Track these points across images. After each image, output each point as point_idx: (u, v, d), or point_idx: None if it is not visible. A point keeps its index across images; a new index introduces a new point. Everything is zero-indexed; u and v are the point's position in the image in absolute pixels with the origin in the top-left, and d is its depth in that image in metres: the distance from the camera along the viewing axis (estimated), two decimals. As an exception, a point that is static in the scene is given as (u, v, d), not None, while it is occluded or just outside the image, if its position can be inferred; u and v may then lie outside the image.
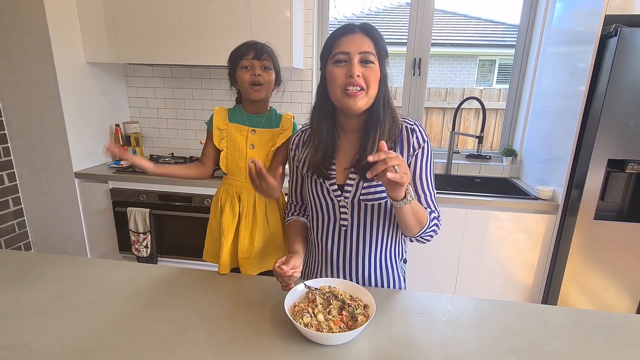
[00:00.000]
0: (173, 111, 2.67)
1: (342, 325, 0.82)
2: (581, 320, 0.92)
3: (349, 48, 0.87)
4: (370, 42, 0.88)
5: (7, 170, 2.26)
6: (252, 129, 1.21)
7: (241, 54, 1.16)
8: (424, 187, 0.98)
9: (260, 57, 1.15)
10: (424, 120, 2.89)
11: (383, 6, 5.73)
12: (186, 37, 2.15)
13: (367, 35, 0.88)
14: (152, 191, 2.21)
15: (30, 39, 2.04)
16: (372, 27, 0.90)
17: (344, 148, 1.00)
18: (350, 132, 0.99)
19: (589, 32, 1.73)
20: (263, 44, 1.19)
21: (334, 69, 0.90)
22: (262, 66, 1.16)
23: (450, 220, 2.00)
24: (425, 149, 0.96)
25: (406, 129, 0.96)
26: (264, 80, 1.16)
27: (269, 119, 1.24)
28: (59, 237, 2.40)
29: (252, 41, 1.19)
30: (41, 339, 0.81)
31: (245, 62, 1.15)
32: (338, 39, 0.89)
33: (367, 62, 0.88)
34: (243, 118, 1.23)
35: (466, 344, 0.82)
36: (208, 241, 1.32)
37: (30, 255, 1.22)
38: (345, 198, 0.97)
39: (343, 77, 0.88)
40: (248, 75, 1.16)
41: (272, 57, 1.19)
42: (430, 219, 0.94)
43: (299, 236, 1.06)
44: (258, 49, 1.16)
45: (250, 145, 1.21)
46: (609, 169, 1.77)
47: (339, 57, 0.89)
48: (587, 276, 1.90)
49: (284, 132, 1.22)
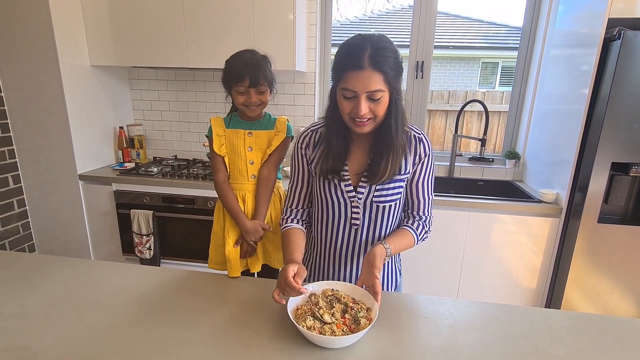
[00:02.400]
0: (176, 114, 2.68)
1: (345, 328, 0.82)
2: (585, 325, 0.92)
3: (356, 87, 0.85)
4: (379, 76, 0.84)
5: (12, 172, 2.27)
6: (249, 132, 1.24)
7: (237, 79, 1.15)
8: (425, 193, 1.04)
9: (257, 85, 1.15)
10: (427, 122, 2.88)
11: (386, 9, 5.74)
12: (190, 40, 2.16)
13: (377, 69, 0.84)
14: (156, 193, 2.22)
15: (35, 42, 2.06)
16: (383, 56, 0.84)
17: (355, 151, 1.02)
18: (362, 137, 0.99)
19: (592, 35, 1.73)
20: (257, 61, 1.17)
21: (342, 99, 0.90)
22: (257, 92, 1.17)
23: (453, 223, 2.00)
24: (430, 159, 1.02)
25: (414, 138, 1.00)
26: (259, 102, 1.19)
27: (264, 123, 1.27)
28: (63, 238, 2.41)
29: (247, 56, 1.17)
30: (45, 341, 0.82)
31: (240, 89, 1.16)
32: (346, 72, 0.86)
33: (375, 98, 0.86)
34: (240, 124, 1.26)
35: (469, 348, 0.82)
36: (212, 249, 1.33)
37: (34, 257, 1.23)
38: (358, 199, 1.00)
39: (350, 109, 0.89)
40: (243, 99, 1.17)
41: (267, 77, 1.18)
42: (417, 236, 1.03)
43: (301, 247, 1.03)
44: (253, 76, 1.14)
45: (248, 147, 1.23)
46: (613, 172, 1.76)
47: (346, 93, 0.87)
48: (590, 280, 1.89)
49: (279, 133, 1.25)
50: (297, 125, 2.50)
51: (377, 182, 0.97)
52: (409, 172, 1.01)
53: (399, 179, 0.99)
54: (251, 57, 1.18)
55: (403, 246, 1.01)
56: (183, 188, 2.18)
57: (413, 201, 1.05)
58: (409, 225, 1.04)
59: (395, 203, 1.02)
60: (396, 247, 0.98)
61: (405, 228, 1.04)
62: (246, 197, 1.26)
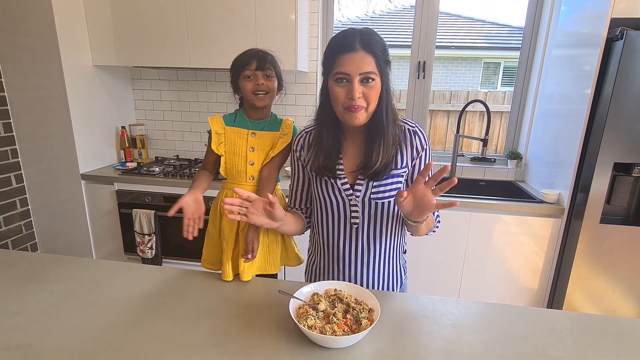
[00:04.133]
0: (178, 113, 2.68)
1: (346, 328, 0.82)
2: (587, 325, 0.92)
3: (349, 69, 0.86)
4: (371, 58, 0.86)
5: (14, 172, 2.28)
6: (252, 132, 1.21)
7: (243, 64, 1.16)
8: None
9: (263, 67, 1.15)
10: (428, 122, 2.88)
11: (387, 9, 5.73)
12: (192, 40, 2.16)
13: (368, 51, 0.86)
14: (158, 193, 2.22)
15: (38, 42, 2.07)
16: (373, 40, 0.87)
17: (349, 149, 1.01)
18: (355, 134, 1.00)
19: (594, 35, 1.72)
20: (265, 52, 1.18)
21: (335, 86, 0.90)
22: (264, 75, 1.16)
23: (454, 223, 2.00)
24: (427, 152, 1.01)
25: (409, 131, 0.99)
26: (267, 89, 1.17)
27: (270, 123, 1.25)
28: (65, 238, 2.42)
29: (253, 49, 1.19)
30: (47, 340, 0.82)
31: (247, 72, 1.15)
32: (338, 56, 0.88)
33: (368, 80, 0.87)
34: (246, 123, 1.23)
35: (471, 349, 0.82)
36: (206, 248, 1.31)
37: (37, 256, 1.23)
38: (356, 197, 0.99)
39: (344, 96, 0.89)
40: (251, 85, 1.16)
41: (274, 65, 1.19)
42: (434, 219, 1.02)
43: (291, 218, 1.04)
44: (260, 59, 1.15)
45: (250, 148, 1.21)
46: (615, 172, 1.76)
47: (339, 76, 0.88)
48: (592, 280, 1.89)
49: (284, 136, 1.22)
50: (299, 125, 2.47)
51: (372, 174, 0.96)
52: (406, 166, 1.00)
53: (396, 174, 0.98)
54: (258, 49, 1.20)
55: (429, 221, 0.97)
56: (185, 188, 2.18)
57: None
58: None
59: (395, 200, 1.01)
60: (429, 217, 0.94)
61: None
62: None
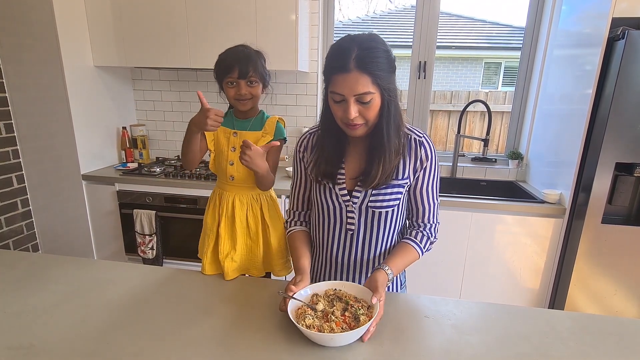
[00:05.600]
0: (179, 114, 2.69)
1: (345, 326, 0.82)
2: (588, 326, 0.92)
3: (343, 91, 0.83)
4: (366, 78, 0.81)
5: (16, 172, 2.29)
6: (234, 131, 1.20)
7: (226, 71, 1.14)
8: (429, 199, 1.00)
9: (245, 76, 1.13)
10: (429, 122, 2.88)
11: (388, 9, 5.73)
12: (192, 40, 2.16)
13: (363, 70, 0.80)
14: (158, 193, 2.22)
15: (39, 43, 2.08)
16: (370, 56, 0.81)
17: (352, 154, 0.99)
18: (358, 140, 0.97)
19: (596, 34, 1.72)
20: (248, 54, 1.15)
21: (333, 104, 0.88)
22: (247, 82, 1.14)
23: (455, 223, 1.99)
24: (433, 163, 0.97)
25: (415, 141, 0.96)
26: (250, 95, 1.16)
27: (255, 123, 1.23)
28: (66, 238, 2.42)
29: (238, 50, 1.16)
30: (48, 340, 0.82)
31: (230, 79, 1.14)
32: (333, 76, 0.84)
33: (365, 100, 0.83)
34: (232, 122, 1.23)
35: (471, 349, 0.82)
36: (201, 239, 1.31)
37: (38, 256, 1.23)
38: (353, 204, 0.98)
39: (342, 113, 0.86)
40: (234, 92, 1.15)
41: (257, 70, 1.15)
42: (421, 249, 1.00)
43: (306, 251, 1.03)
44: (242, 66, 1.12)
45: (232, 147, 1.20)
46: (617, 172, 1.75)
47: (335, 97, 0.85)
48: (594, 281, 1.88)
49: (266, 135, 1.20)
50: (299, 125, 2.50)
51: (370, 187, 0.94)
52: (408, 177, 0.96)
53: (397, 184, 0.96)
54: (242, 50, 1.16)
55: (406, 264, 0.97)
56: (185, 188, 2.19)
57: (417, 208, 1.01)
58: (412, 238, 1.00)
59: (393, 209, 0.98)
60: (398, 267, 0.95)
61: (406, 243, 0.99)
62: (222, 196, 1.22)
